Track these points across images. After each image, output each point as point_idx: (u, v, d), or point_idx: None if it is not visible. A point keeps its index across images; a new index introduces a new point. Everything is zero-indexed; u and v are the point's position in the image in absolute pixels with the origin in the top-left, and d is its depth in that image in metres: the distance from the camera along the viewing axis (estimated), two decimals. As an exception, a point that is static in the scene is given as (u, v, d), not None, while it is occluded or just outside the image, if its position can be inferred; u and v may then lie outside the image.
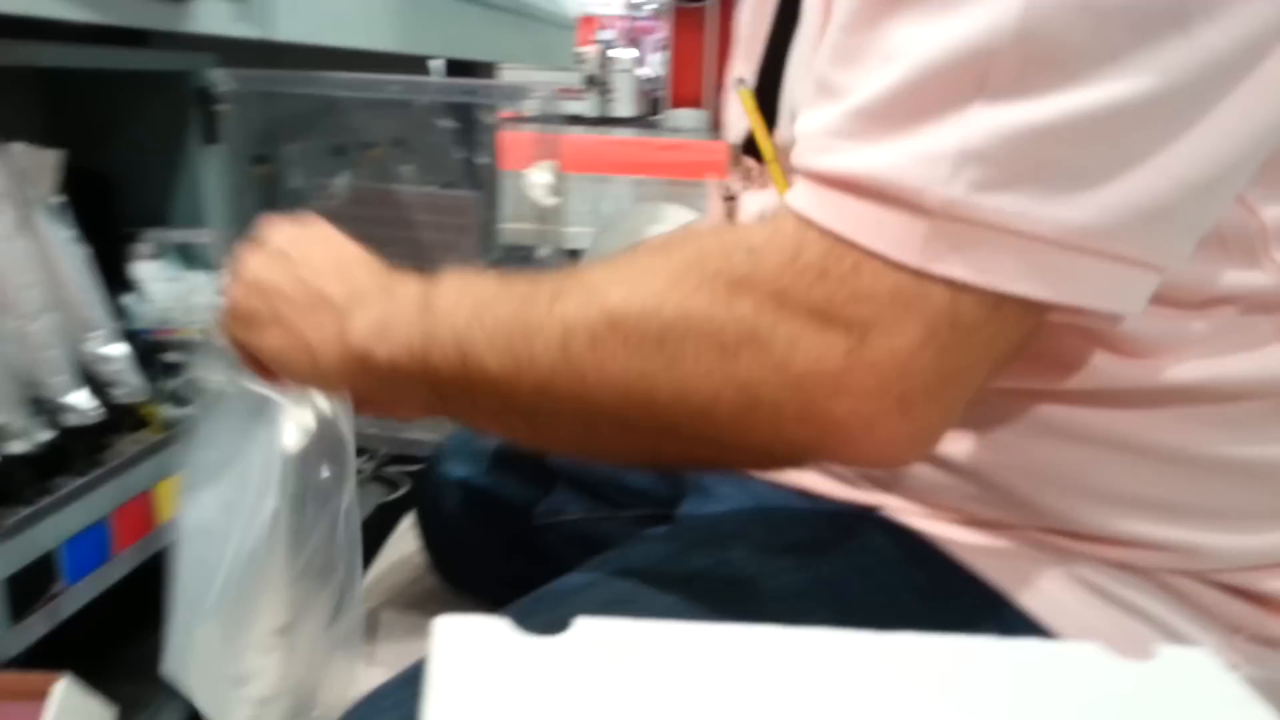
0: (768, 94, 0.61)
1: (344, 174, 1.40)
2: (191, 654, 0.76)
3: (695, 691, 0.33)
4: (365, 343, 0.55)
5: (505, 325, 0.50)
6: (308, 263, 0.60)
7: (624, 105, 11.11)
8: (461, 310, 0.52)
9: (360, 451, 1.71)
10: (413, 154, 2.03)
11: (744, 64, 0.66)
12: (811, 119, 0.47)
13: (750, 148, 0.65)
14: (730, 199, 0.68)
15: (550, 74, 3.07)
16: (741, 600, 0.56)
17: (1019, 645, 0.37)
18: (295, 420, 0.63)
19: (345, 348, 0.56)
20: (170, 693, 1.04)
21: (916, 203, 0.42)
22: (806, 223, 0.45)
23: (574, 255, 2.99)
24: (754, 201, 0.66)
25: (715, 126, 12.48)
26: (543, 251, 1.24)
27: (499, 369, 0.50)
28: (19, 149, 0.94)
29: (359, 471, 1.64)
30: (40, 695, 0.69)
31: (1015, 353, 0.47)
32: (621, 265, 0.51)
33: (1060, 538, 0.56)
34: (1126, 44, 0.40)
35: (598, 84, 10.94)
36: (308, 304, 0.58)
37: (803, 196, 0.46)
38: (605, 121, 10.66)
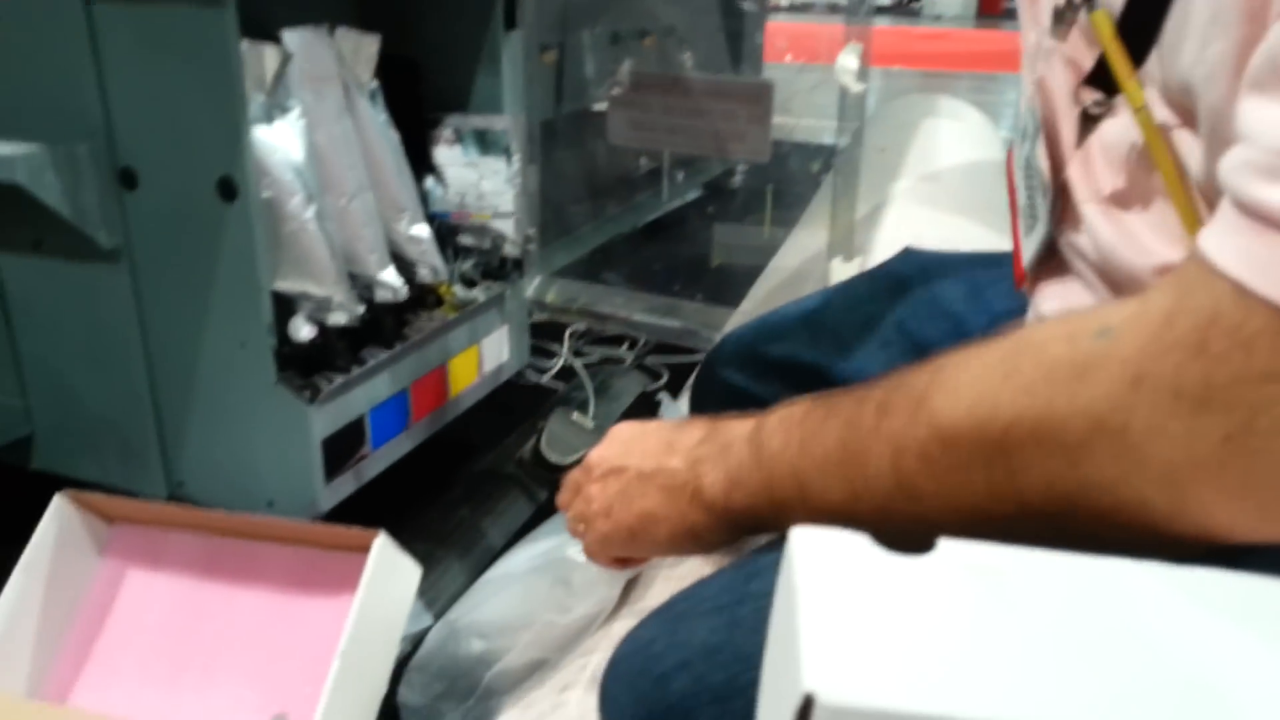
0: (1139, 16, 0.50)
1: (626, 61, 1.38)
2: None
3: (1060, 621, 0.31)
4: (720, 501, 0.55)
5: (835, 455, 0.48)
6: (643, 451, 0.61)
7: (882, -10, 10.50)
8: (791, 447, 0.51)
9: (623, 340, 1.76)
10: (684, 43, 2.00)
11: None
12: (1265, 122, 0.36)
13: (1098, 77, 0.54)
14: (1091, 118, 0.57)
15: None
16: None
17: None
18: None
19: (707, 510, 0.57)
20: (459, 553, 1.12)
21: None
22: (1210, 272, 0.36)
23: (828, 152, 2.88)
24: (1115, 130, 0.55)
25: (982, 12, 11.56)
26: (843, 140, 1.17)
27: (839, 499, 0.48)
28: (343, 33, 0.97)
29: (620, 360, 1.67)
30: (361, 549, 0.74)
31: None
32: (947, 366, 0.45)
33: None
34: None
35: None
36: (658, 484, 0.59)
37: (1222, 236, 0.36)
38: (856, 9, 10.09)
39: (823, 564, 0.34)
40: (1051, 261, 0.55)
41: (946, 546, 0.34)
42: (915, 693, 0.28)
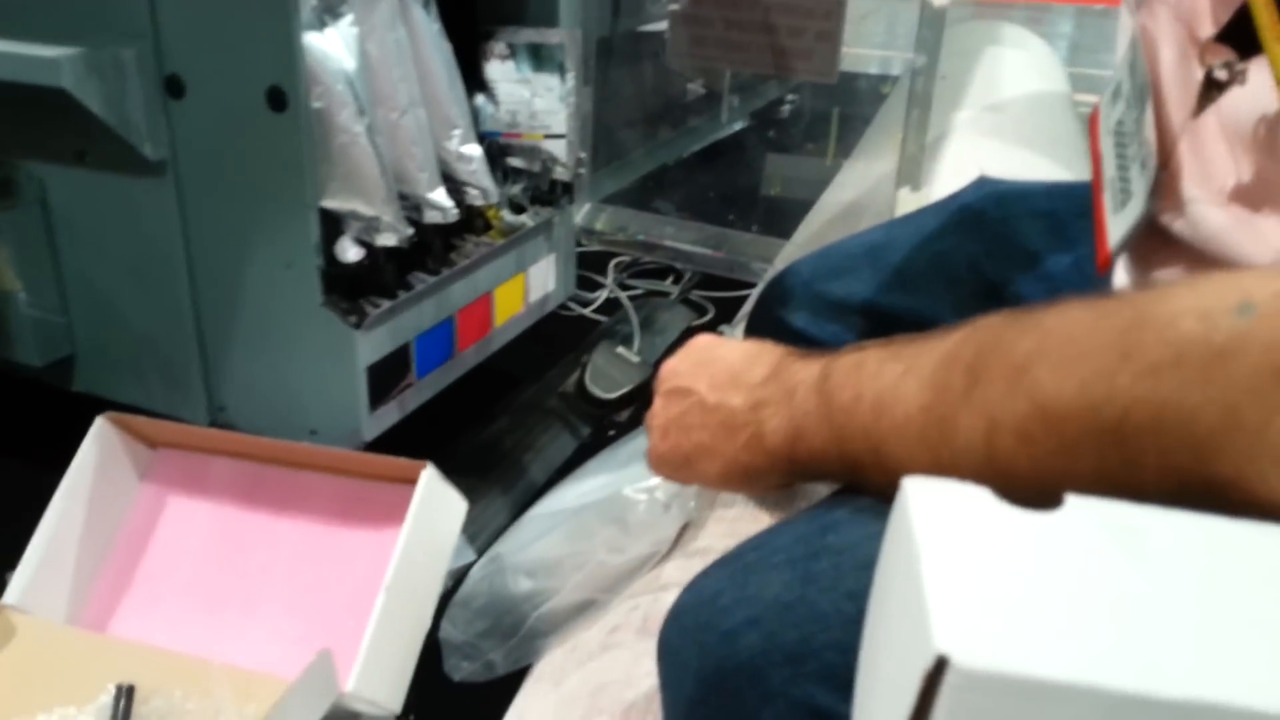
0: None
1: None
2: None
3: (1204, 585, 0.28)
4: (782, 448, 0.53)
5: (918, 421, 0.44)
6: (711, 378, 0.58)
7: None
8: (864, 403, 0.47)
9: (668, 273, 1.71)
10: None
11: None
12: None
13: (1235, 33, 0.47)
14: (1217, 84, 0.49)
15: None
16: None
17: None
18: None
19: (767, 455, 0.54)
20: (502, 488, 1.09)
21: None
22: None
23: (884, 81, 2.79)
24: (1243, 101, 0.48)
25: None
26: (919, 59, 1.10)
27: (918, 468, 0.42)
28: (395, -66, 0.91)
29: (665, 293, 1.63)
30: (407, 480, 0.72)
31: None
32: (1052, 333, 0.40)
33: None
34: None
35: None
36: (718, 419, 0.57)
37: None
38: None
39: (944, 519, 0.31)
40: (1145, 243, 0.50)
41: (1076, 503, 0.31)
42: (1057, 659, 0.25)
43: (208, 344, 0.95)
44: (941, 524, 0.31)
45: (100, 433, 0.75)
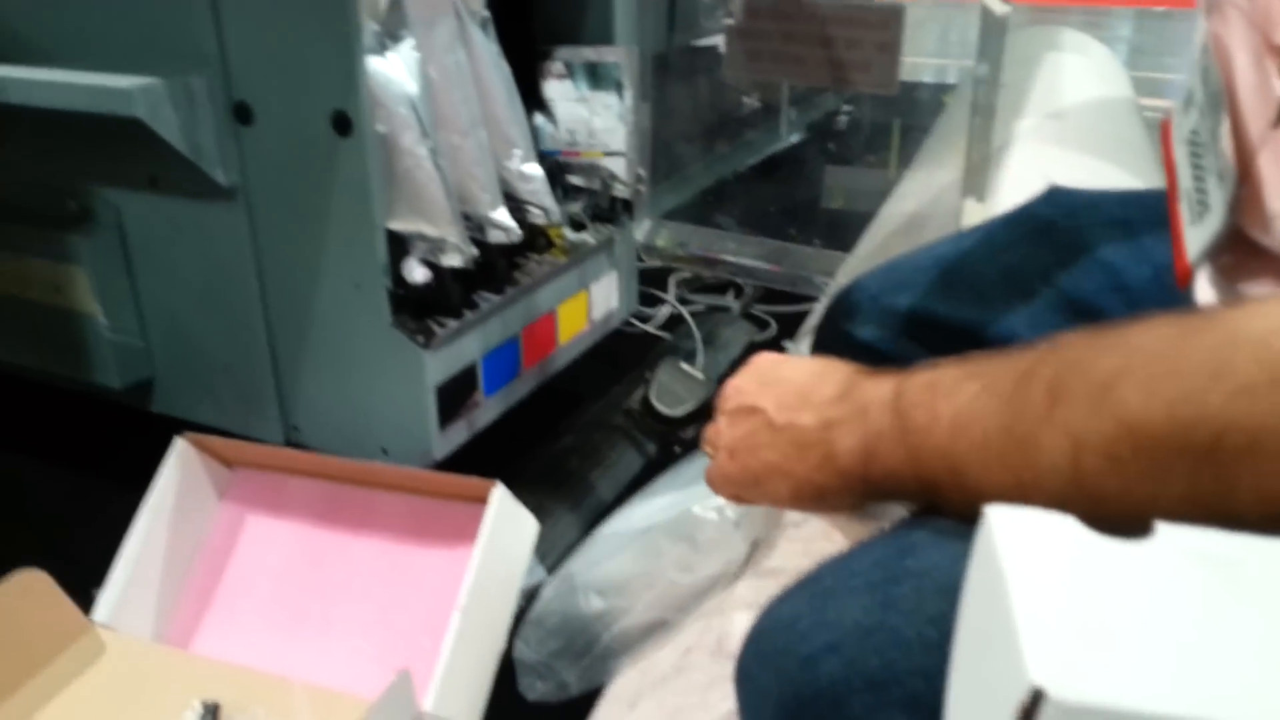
0: None
1: (741, -10, 1.31)
2: None
3: None
4: (855, 469, 0.52)
5: (997, 442, 0.42)
6: (778, 397, 0.57)
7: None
8: (940, 424, 0.45)
9: (727, 288, 1.70)
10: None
11: None
12: None
13: None
14: None
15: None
16: None
17: None
18: None
19: (840, 475, 0.53)
20: (570, 505, 1.09)
21: None
22: None
23: (941, 90, 2.76)
24: None
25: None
26: (981, 69, 1.09)
27: (999, 489, 0.42)
28: (456, -41, 0.93)
29: (728, 309, 1.62)
30: (478, 499, 0.72)
31: None
32: (1137, 351, 0.38)
33: None
34: None
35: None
36: (787, 438, 0.56)
37: None
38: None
39: (1032, 548, 0.30)
40: (1230, 256, 0.48)
41: (1168, 532, 0.31)
42: (1153, 691, 0.25)
43: (281, 365, 0.97)
44: (1029, 554, 0.30)
45: (180, 453, 0.77)
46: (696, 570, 0.77)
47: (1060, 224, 0.73)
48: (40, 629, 0.68)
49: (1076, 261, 0.70)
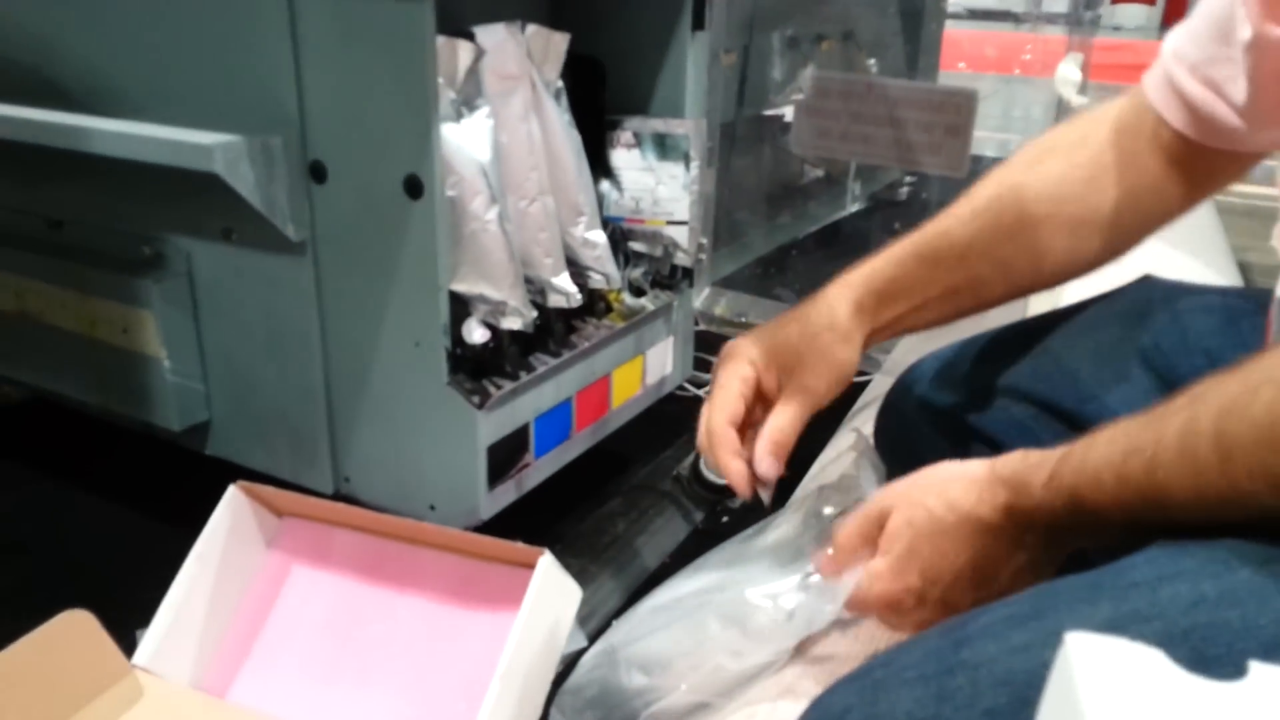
0: None
1: (810, 66, 1.32)
2: None
3: None
4: (1049, 571, 0.55)
5: (1195, 508, 0.44)
6: (959, 592, 0.59)
7: (1056, -1, 10.03)
8: (1131, 510, 0.47)
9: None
10: (861, 48, 1.91)
11: None
12: None
13: None
14: None
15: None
16: None
17: None
18: None
19: (1040, 577, 0.56)
20: (613, 571, 1.08)
21: None
22: None
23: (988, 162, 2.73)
24: None
25: (1166, 24, 10.91)
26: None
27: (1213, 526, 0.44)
28: (533, 30, 0.95)
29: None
30: (524, 565, 0.72)
31: None
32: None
33: None
34: None
35: (1028, -25, 9.95)
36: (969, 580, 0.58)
37: None
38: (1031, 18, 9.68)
39: (1113, 682, 0.29)
40: None
41: (1262, 671, 0.29)
42: None
43: (336, 416, 0.98)
44: (1111, 690, 0.29)
45: (232, 501, 0.78)
46: (746, 658, 0.75)
47: (1156, 307, 0.72)
48: (81, 670, 0.68)
49: (1176, 345, 0.69)
